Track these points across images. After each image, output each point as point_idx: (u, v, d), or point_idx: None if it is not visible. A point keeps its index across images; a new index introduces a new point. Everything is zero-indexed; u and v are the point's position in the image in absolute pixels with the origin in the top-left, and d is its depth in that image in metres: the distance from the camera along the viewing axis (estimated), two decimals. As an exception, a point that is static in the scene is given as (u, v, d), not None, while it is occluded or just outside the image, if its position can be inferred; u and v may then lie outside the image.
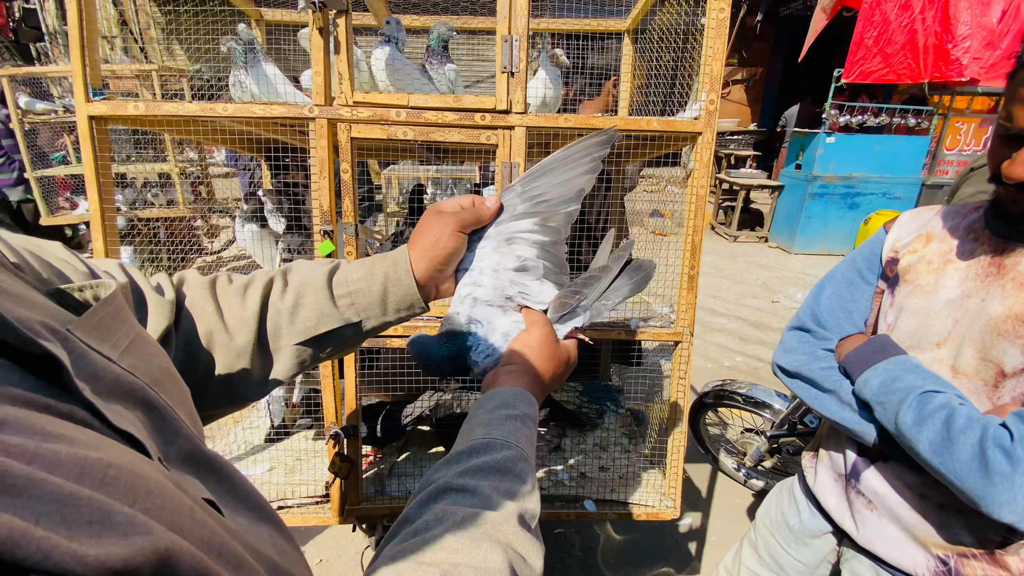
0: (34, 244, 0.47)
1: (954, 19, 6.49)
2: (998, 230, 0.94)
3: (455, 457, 0.54)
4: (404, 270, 0.65)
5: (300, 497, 1.30)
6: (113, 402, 0.33)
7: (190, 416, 0.43)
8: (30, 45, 9.22)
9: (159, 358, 0.43)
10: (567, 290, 0.72)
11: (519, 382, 0.63)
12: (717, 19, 1.04)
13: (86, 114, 1.08)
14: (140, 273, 0.57)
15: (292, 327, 0.62)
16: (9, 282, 0.36)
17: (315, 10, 1.00)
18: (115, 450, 0.28)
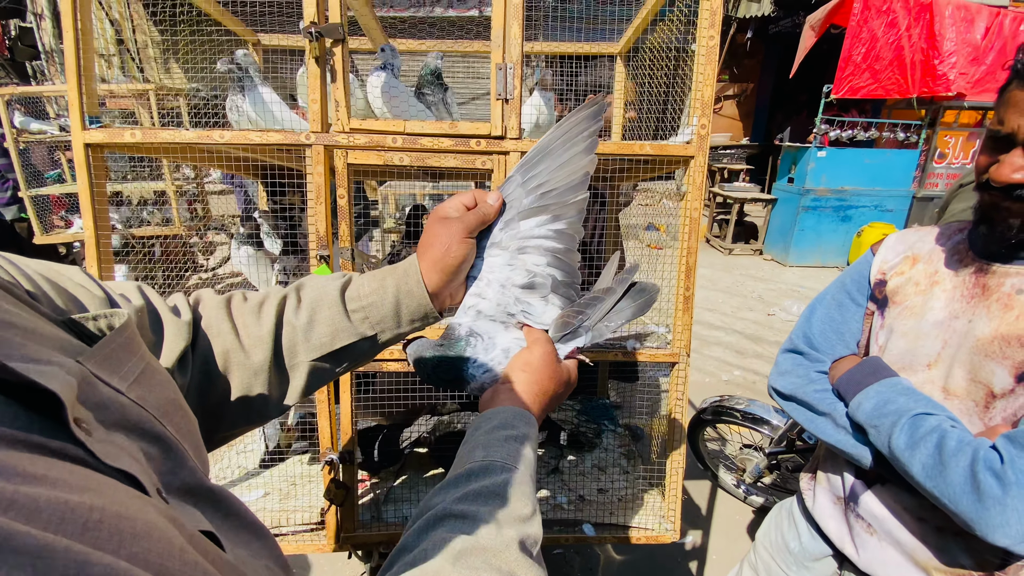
0: (52, 270, 0.47)
1: (939, 36, 6.64)
2: (981, 251, 0.95)
3: (453, 481, 0.53)
4: (415, 281, 0.64)
5: (295, 524, 1.28)
6: (118, 432, 0.34)
7: (195, 447, 0.43)
8: (26, 63, 9.28)
9: (167, 389, 0.43)
10: (570, 310, 0.71)
11: (519, 401, 0.62)
12: (707, 46, 1.06)
13: (82, 142, 1.09)
14: (157, 295, 0.57)
15: (308, 343, 0.62)
16: (21, 314, 0.36)
17: (312, 40, 1.01)
18: (103, 489, 0.27)
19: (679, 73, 1.38)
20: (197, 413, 0.58)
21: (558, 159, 0.69)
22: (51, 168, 5.35)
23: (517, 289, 0.69)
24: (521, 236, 0.69)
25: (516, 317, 0.70)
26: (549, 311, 0.71)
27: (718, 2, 1.05)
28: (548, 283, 0.70)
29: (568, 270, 0.71)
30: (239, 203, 5.33)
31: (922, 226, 1.15)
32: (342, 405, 1.19)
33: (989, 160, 0.86)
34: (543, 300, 0.70)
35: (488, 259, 0.70)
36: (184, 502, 0.37)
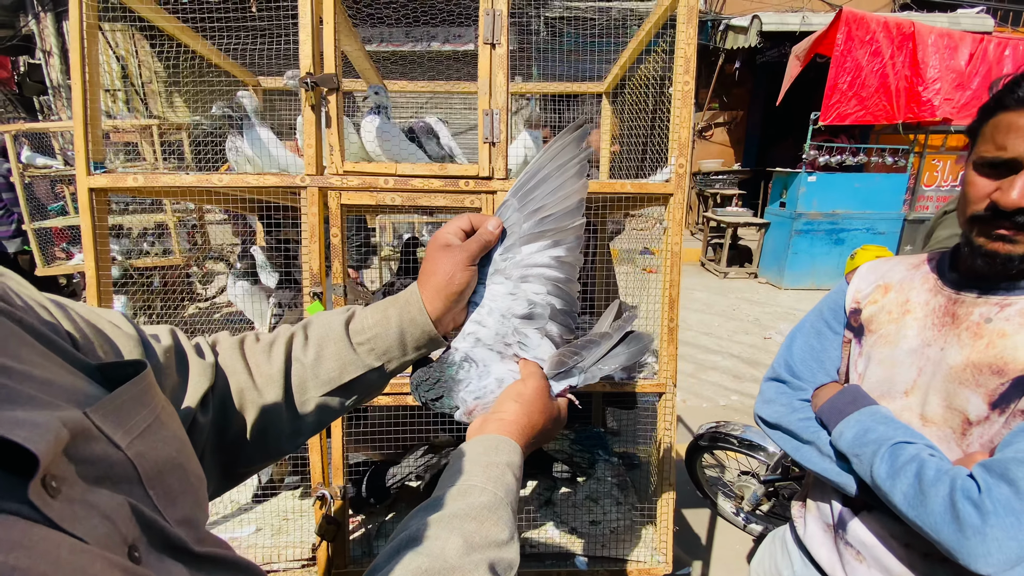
0: (92, 314, 0.50)
1: (923, 63, 6.85)
2: (951, 280, 0.97)
3: (431, 504, 0.53)
4: (418, 309, 0.65)
5: (286, 560, 1.28)
6: (101, 488, 0.34)
7: (191, 507, 0.43)
8: (33, 98, 9.50)
9: (169, 447, 0.43)
10: (566, 349, 0.72)
11: (507, 431, 0.62)
12: (682, 90, 1.12)
13: (87, 186, 1.13)
14: (185, 337, 0.59)
15: (317, 379, 0.64)
16: (45, 364, 0.37)
17: (308, 89, 1.07)
18: (39, 548, 0.27)
19: (660, 110, 1.44)
20: (217, 451, 0.61)
21: (552, 184, 0.71)
22: (54, 201, 5.43)
23: (516, 320, 0.71)
24: (524, 264, 0.71)
25: (512, 348, 0.71)
26: (544, 345, 0.72)
27: (692, 50, 1.11)
28: (547, 312, 0.72)
29: (567, 299, 0.73)
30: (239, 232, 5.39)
31: (905, 251, 1.17)
32: (333, 439, 1.21)
33: (990, 187, 0.84)
34: (539, 332, 0.72)
35: (491, 286, 0.71)
36: (168, 556, 0.37)
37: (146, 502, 0.38)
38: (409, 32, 7.42)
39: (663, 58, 1.35)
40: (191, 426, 0.56)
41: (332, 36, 1.11)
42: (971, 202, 0.89)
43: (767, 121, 10.68)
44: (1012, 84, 0.83)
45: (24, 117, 9.28)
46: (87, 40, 1.16)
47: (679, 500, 3.00)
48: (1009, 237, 0.85)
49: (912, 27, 6.75)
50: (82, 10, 1.16)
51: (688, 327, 6.04)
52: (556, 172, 0.71)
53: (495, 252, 0.71)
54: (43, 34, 8.39)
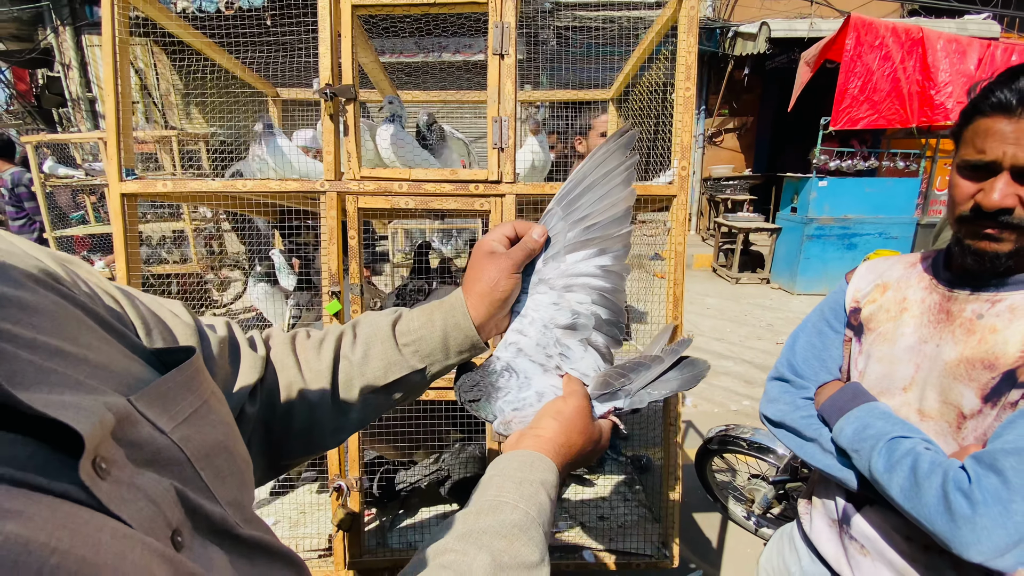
0: (155, 302, 0.52)
1: (933, 67, 6.83)
2: (945, 278, 1.01)
3: (462, 517, 0.51)
4: (462, 313, 0.66)
5: (304, 550, 1.32)
6: (149, 470, 0.35)
7: (237, 490, 0.43)
8: (52, 110, 9.78)
9: (217, 430, 0.43)
10: (613, 370, 0.70)
11: (543, 449, 0.60)
12: (684, 96, 1.17)
13: (119, 192, 1.20)
14: (239, 329, 0.62)
15: (363, 377, 0.65)
16: (103, 348, 0.39)
17: (327, 99, 1.13)
18: (81, 531, 0.27)
19: (664, 115, 1.48)
20: (264, 443, 0.63)
21: (598, 192, 0.69)
22: (75, 210, 5.59)
23: (559, 330, 0.69)
24: (568, 273, 0.69)
25: (554, 360, 0.69)
26: (588, 358, 0.70)
27: (692, 58, 1.15)
28: (591, 323, 0.69)
29: (614, 309, 0.70)
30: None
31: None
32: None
33: (973, 189, 0.89)
34: (582, 344, 0.70)
35: (535, 295, 0.69)
36: (211, 542, 0.38)
37: (196, 483, 0.39)
38: (420, 43, 7.55)
39: (666, 65, 1.39)
40: (239, 416, 0.58)
41: (350, 49, 1.17)
42: (957, 203, 0.93)
43: (777, 127, 10.67)
44: (986, 91, 0.87)
45: (43, 129, 9.57)
46: (119, 54, 1.24)
47: (690, 505, 2.99)
48: (994, 236, 0.89)
49: (921, 32, 6.73)
50: (114, 26, 1.23)
51: (700, 333, 6.03)
52: (602, 179, 0.69)
53: (538, 260, 0.70)
54: (62, 47, 8.64)
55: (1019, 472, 0.79)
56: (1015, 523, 0.78)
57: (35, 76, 9.93)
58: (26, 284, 0.37)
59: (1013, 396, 0.87)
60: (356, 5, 1.16)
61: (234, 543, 0.40)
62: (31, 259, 0.40)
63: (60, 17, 8.48)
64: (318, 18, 1.15)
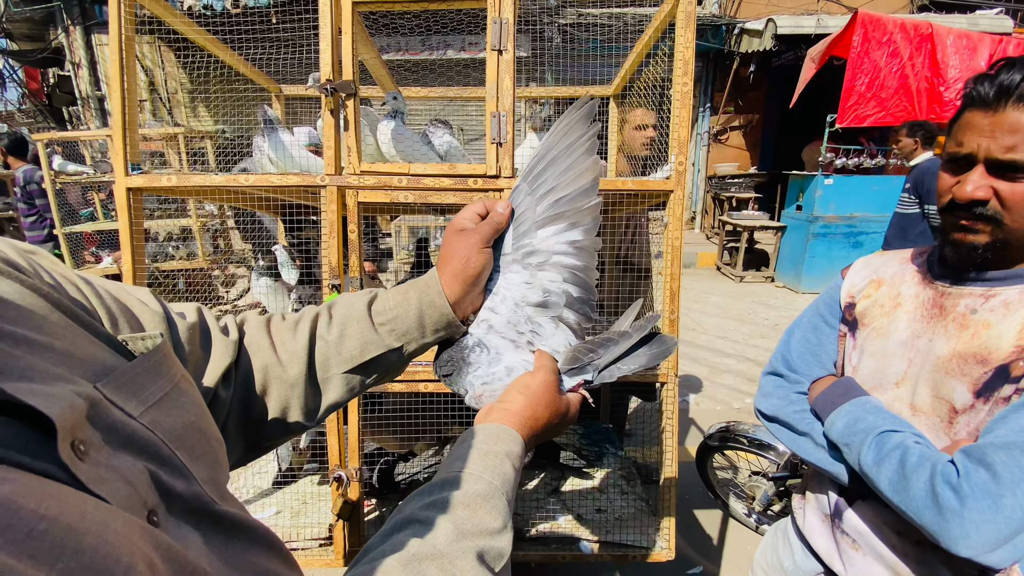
0: (121, 291, 0.52)
1: (943, 64, 6.76)
2: (938, 274, 1.01)
3: (427, 489, 0.54)
4: (436, 291, 0.67)
5: (305, 539, 1.35)
6: (125, 453, 0.36)
7: (211, 469, 0.44)
8: (62, 108, 9.88)
9: (187, 412, 0.44)
10: (583, 345, 0.71)
11: (510, 421, 0.62)
12: (681, 92, 1.17)
13: (125, 186, 1.22)
14: (211, 314, 0.63)
15: (339, 356, 0.66)
16: (69, 336, 0.39)
17: (327, 94, 1.15)
18: (68, 501, 0.28)
19: (663, 111, 1.49)
20: (241, 425, 0.64)
21: (562, 164, 0.69)
22: (84, 207, 5.65)
23: (530, 308, 0.70)
24: (540, 250, 0.70)
25: (525, 336, 0.70)
26: (559, 335, 0.71)
27: (690, 53, 1.16)
28: (562, 301, 0.71)
29: (584, 287, 0.72)
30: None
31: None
32: (350, 424, 1.28)
33: (952, 181, 0.91)
34: (554, 321, 0.71)
35: (507, 274, 0.70)
36: (184, 523, 0.38)
37: (171, 463, 0.40)
38: (425, 41, 7.57)
39: (666, 61, 1.40)
40: (213, 399, 0.59)
41: (350, 45, 1.18)
42: (939, 196, 0.95)
43: (783, 124, 10.60)
44: (972, 81, 0.88)
45: (53, 127, 9.68)
46: (126, 51, 1.26)
47: (691, 502, 3.00)
48: (969, 227, 0.90)
49: (930, 28, 6.67)
50: (121, 23, 1.26)
51: (703, 331, 6.02)
52: (565, 152, 0.69)
53: (509, 239, 0.70)
54: (72, 47, 8.72)
55: (1009, 467, 0.79)
56: (1004, 518, 0.78)
57: (46, 75, 10.04)
58: None
59: (1006, 391, 0.86)
60: (356, 2, 1.18)
61: (211, 521, 0.41)
62: None
63: (71, 17, 8.56)
64: (319, 14, 1.17)
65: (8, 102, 12.16)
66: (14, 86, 10.70)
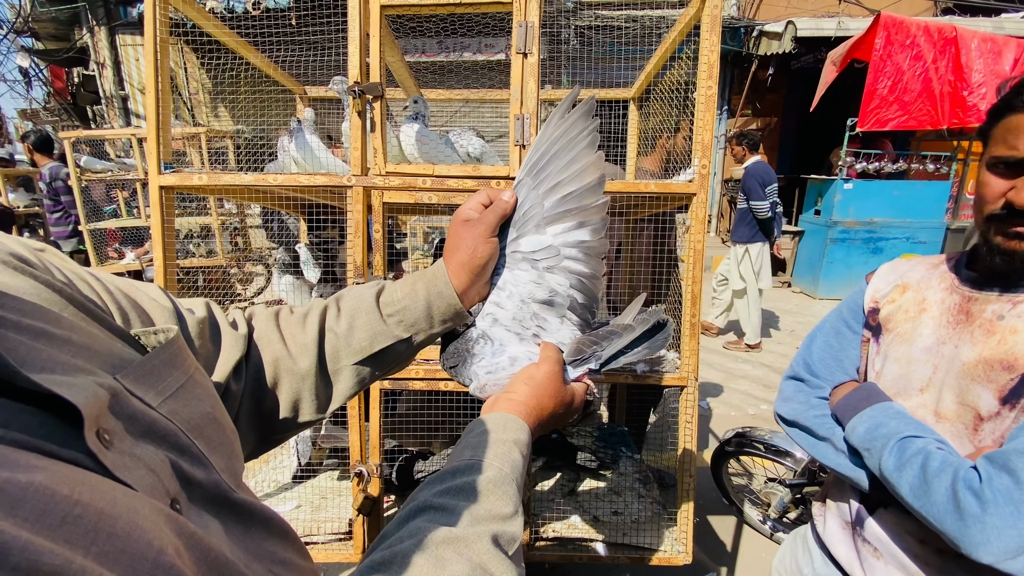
0: (132, 287, 0.53)
1: (967, 68, 6.63)
2: (967, 279, 1.00)
3: (439, 477, 0.55)
4: (444, 282, 0.68)
5: (325, 534, 1.37)
6: (146, 443, 0.37)
7: (228, 458, 0.45)
8: (87, 107, 10.11)
9: (204, 403, 0.45)
10: (586, 338, 0.73)
11: (516, 410, 0.63)
12: (705, 95, 1.17)
13: (158, 184, 1.26)
14: (220, 309, 0.63)
15: (349, 348, 0.67)
16: (82, 327, 0.40)
17: (355, 96, 1.17)
18: (98, 488, 0.29)
19: (686, 114, 1.49)
20: (253, 417, 0.65)
21: (564, 158, 0.68)
22: (108, 204, 5.77)
23: (536, 304, 0.71)
24: (551, 246, 0.69)
25: (530, 331, 0.71)
26: (564, 330, 0.72)
27: (715, 56, 1.16)
28: (567, 303, 0.71)
29: (589, 295, 0.73)
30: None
31: None
32: (371, 422, 1.30)
33: (1005, 186, 0.87)
34: (560, 319, 0.72)
35: (515, 271, 0.71)
36: (205, 511, 0.39)
37: (191, 452, 0.40)
38: (442, 43, 7.61)
39: (688, 64, 1.40)
40: (224, 393, 0.59)
41: (378, 49, 1.21)
42: (987, 202, 0.92)
43: (802, 128, 10.48)
44: (1019, 87, 0.86)
45: (78, 125, 9.90)
46: (160, 53, 1.29)
47: (705, 507, 2.98)
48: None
49: (954, 31, 6.55)
50: (155, 26, 1.29)
51: (720, 335, 5.98)
52: (567, 146, 0.68)
53: (512, 231, 0.70)
54: (97, 47, 8.90)
55: None
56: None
57: (71, 74, 10.28)
58: (4, 269, 0.39)
59: None
60: (384, 5, 1.20)
61: (229, 510, 0.42)
62: (4, 246, 0.40)
63: (96, 17, 8.75)
64: (348, 17, 1.19)
65: (34, 100, 12.49)
66: (40, 85, 10.98)
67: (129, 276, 4.96)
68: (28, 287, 0.39)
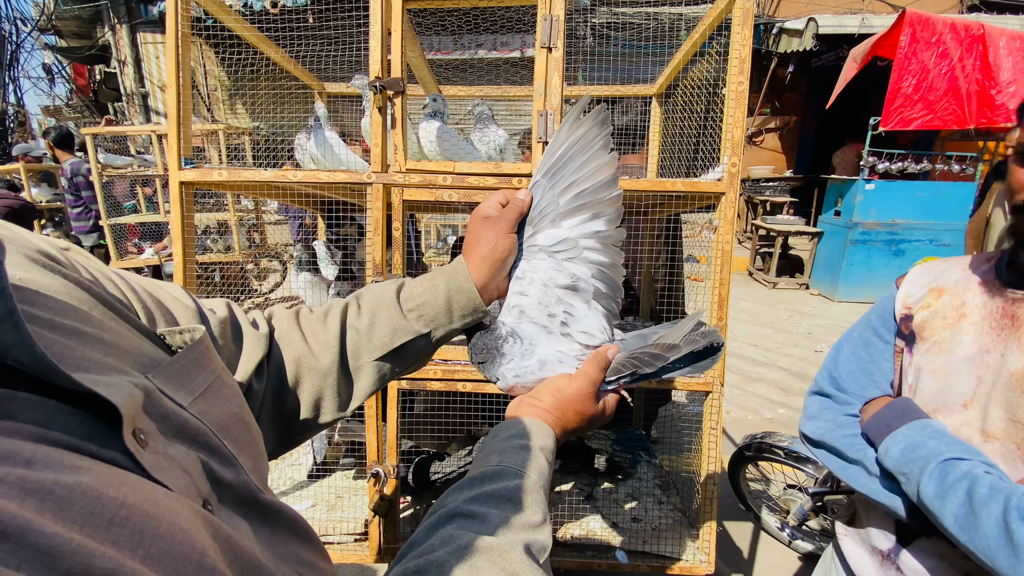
0: (155, 287, 0.53)
1: (995, 66, 6.45)
2: (1009, 280, 0.91)
3: (467, 483, 0.54)
4: (464, 277, 0.68)
5: (340, 534, 1.36)
6: (178, 443, 0.37)
7: (254, 458, 0.46)
8: (108, 104, 10.29)
9: (231, 403, 0.46)
10: (628, 360, 0.70)
11: (542, 417, 0.63)
12: (736, 91, 1.13)
13: (178, 180, 1.25)
14: (241, 310, 0.63)
15: (370, 344, 0.67)
16: (112, 327, 0.40)
17: (375, 92, 1.15)
18: (141, 489, 0.29)
19: (713, 111, 1.44)
20: (275, 417, 0.64)
21: (579, 160, 0.70)
22: (129, 199, 5.86)
23: (559, 289, 0.70)
24: (567, 238, 0.70)
25: (558, 318, 0.70)
26: (592, 316, 0.71)
27: (747, 51, 1.12)
28: (591, 289, 0.71)
29: (611, 284, 0.72)
30: (292, 233, 5.69)
31: None
32: (389, 422, 1.28)
33: None
34: (586, 304, 0.71)
35: (533, 260, 0.71)
36: (234, 512, 0.39)
37: (220, 452, 0.41)
38: (457, 40, 7.60)
39: (716, 60, 1.36)
40: (247, 393, 0.59)
41: (399, 44, 1.19)
42: (1016, 192, 0.87)
43: (821, 127, 10.29)
44: None
45: (99, 122, 10.08)
46: (181, 49, 1.29)
47: (721, 512, 2.93)
48: None
49: (981, 28, 6.38)
50: (178, 22, 1.29)
51: (735, 338, 5.89)
52: (581, 150, 0.70)
53: (529, 229, 0.71)
54: (118, 45, 9.05)
55: None
56: None
57: (93, 72, 10.47)
58: (34, 267, 0.39)
59: None
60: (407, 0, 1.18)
61: (257, 512, 0.42)
62: (32, 244, 0.40)
63: (117, 16, 8.89)
64: (369, 12, 1.18)
65: (57, 97, 12.75)
66: (62, 82, 11.21)
67: (148, 271, 5.01)
68: (58, 285, 0.39)
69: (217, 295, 3.11)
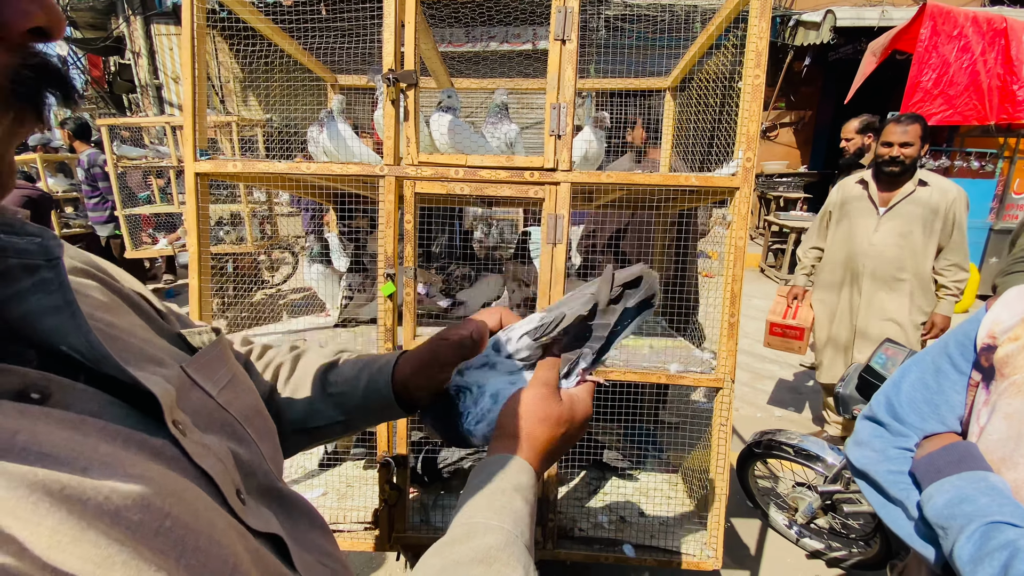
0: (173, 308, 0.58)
1: (1017, 61, 6.30)
2: None
3: (437, 548, 0.50)
4: (384, 381, 0.65)
5: (350, 522, 1.37)
6: (211, 433, 0.39)
7: (273, 449, 0.48)
8: (123, 96, 10.38)
9: (250, 396, 0.49)
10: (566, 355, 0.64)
11: (511, 448, 0.57)
12: (752, 84, 1.12)
13: (194, 171, 1.26)
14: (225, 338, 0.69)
15: (289, 416, 0.66)
16: (144, 326, 0.45)
17: (389, 84, 1.15)
18: (184, 496, 0.31)
19: (728, 104, 1.43)
20: None
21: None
22: (144, 190, 5.93)
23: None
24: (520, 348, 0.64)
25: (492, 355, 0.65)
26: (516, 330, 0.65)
27: (764, 44, 1.10)
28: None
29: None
30: (304, 224, 5.73)
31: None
32: (399, 412, 1.29)
33: None
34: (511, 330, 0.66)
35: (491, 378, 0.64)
36: (260, 503, 0.41)
37: (246, 442, 0.43)
38: (469, 33, 7.56)
39: (732, 53, 1.34)
40: None
41: (412, 37, 1.18)
42: None
43: (838, 122, 10.13)
44: None
45: (114, 113, 10.19)
46: (197, 40, 1.30)
47: (729, 509, 2.92)
48: None
49: (1004, 22, 6.23)
50: (193, 14, 1.29)
51: (744, 334, 5.84)
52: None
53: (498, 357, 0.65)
54: (133, 36, 9.11)
55: None
56: None
57: (108, 63, 10.55)
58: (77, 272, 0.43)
59: None
60: (421, -9, 1.18)
61: (279, 501, 0.44)
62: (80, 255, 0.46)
63: (131, 7, 8.95)
64: (383, 4, 1.17)
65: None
66: (78, 73, 11.31)
67: (163, 261, 5.06)
68: (95, 288, 0.43)
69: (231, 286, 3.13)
